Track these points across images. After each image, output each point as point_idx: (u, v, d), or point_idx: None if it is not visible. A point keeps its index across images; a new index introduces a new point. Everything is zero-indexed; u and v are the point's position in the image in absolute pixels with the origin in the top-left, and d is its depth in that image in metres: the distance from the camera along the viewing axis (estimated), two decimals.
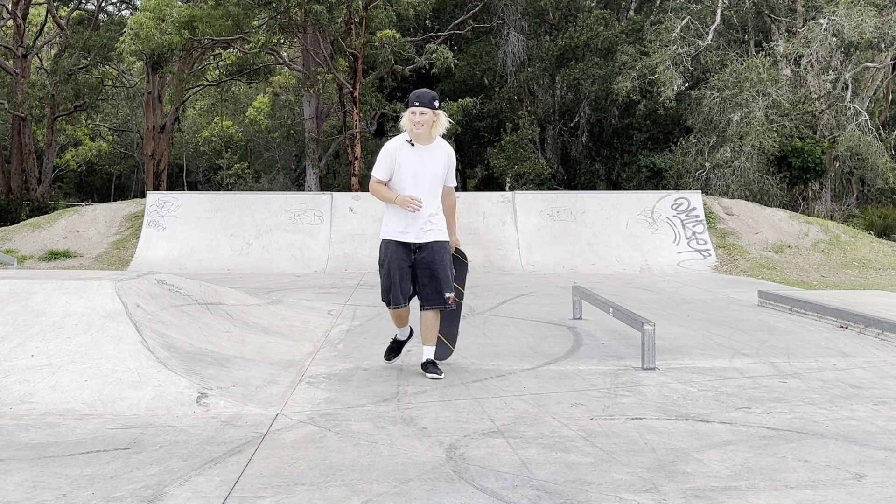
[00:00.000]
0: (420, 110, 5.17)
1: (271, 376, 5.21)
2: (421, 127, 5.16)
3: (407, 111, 5.25)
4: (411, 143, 5.24)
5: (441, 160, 5.32)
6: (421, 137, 5.23)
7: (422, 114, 5.17)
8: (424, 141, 5.25)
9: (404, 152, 5.26)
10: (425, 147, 5.27)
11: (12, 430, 4.05)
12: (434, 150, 5.32)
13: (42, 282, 5.51)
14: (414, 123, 5.17)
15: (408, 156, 5.26)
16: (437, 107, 5.23)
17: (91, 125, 38.40)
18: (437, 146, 5.33)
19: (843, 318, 7.41)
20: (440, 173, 5.32)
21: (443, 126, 5.25)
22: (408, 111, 5.23)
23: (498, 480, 3.34)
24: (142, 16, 22.75)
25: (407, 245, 5.25)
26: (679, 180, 21.43)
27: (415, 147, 5.26)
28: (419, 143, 5.26)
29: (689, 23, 22.33)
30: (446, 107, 23.17)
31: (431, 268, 5.22)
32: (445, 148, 5.39)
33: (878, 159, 21.05)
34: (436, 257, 5.24)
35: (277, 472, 3.45)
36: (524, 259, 14.79)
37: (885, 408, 4.55)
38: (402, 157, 5.27)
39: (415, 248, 5.27)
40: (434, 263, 5.23)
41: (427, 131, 5.20)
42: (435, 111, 5.20)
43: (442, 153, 5.34)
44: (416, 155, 5.26)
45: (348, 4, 21.84)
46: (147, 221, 15.72)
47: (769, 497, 3.17)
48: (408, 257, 5.26)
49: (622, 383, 5.17)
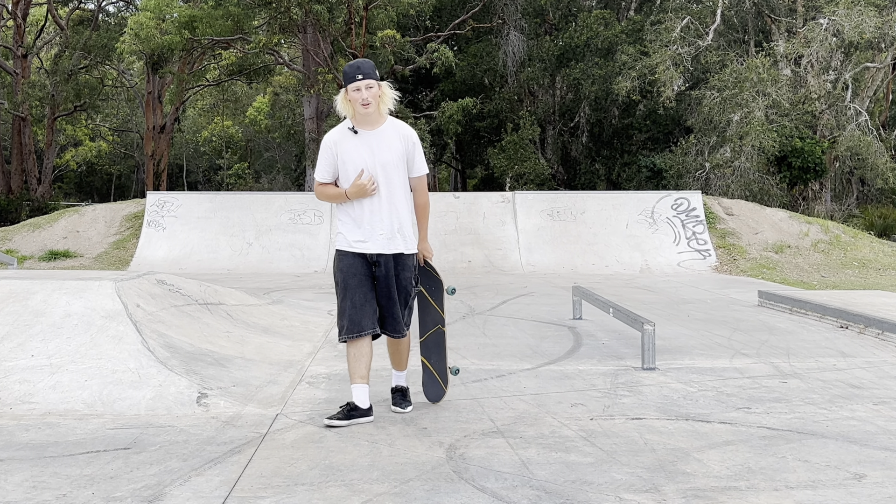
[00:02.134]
0: (366, 83, 4.11)
1: (271, 376, 5.21)
2: (368, 105, 4.12)
3: (342, 91, 4.21)
4: (354, 129, 4.22)
5: (395, 145, 4.23)
6: (368, 119, 4.19)
7: (368, 87, 4.12)
8: (371, 124, 4.21)
9: (346, 143, 4.23)
10: (373, 132, 4.21)
11: (12, 430, 4.05)
12: (384, 135, 4.23)
13: (42, 282, 5.51)
14: (360, 102, 4.12)
15: (351, 147, 4.22)
16: (379, 77, 4.23)
17: (91, 125, 38.40)
18: (388, 128, 4.25)
19: (844, 319, 7.41)
20: (396, 162, 4.23)
21: (390, 100, 4.22)
22: (346, 90, 4.17)
23: (498, 480, 3.34)
24: (142, 16, 22.74)
25: (364, 257, 4.25)
26: (679, 180, 21.42)
27: (359, 134, 4.22)
28: (364, 127, 4.22)
29: (689, 23, 22.33)
30: (447, 107, 23.15)
31: (389, 287, 4.23)
32: (401, 129, 4.28)
33: (878, 159, 21.05)
34: (395, 273, 4.24)
35: (277, 472, 3.45)
36: (524, 259, 14.79)
37: (886, 408, 4.55)
38: (344, 150, 4.23)
39: (373, 261, 4.24)
40: (391, 281, 4.23)
41: (375, 110, 4.17)
42: (380, 82, 4.19)
43: (395, 136, 4.24)
44: (361, 144, 4.21)
45: (348, 4, 21.84)
46: (147, 221, 15.72)
47: (769, 497, 3.17)
48: (368, 271, 4.25)
49: (622, 383, 5.17)
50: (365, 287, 4.20)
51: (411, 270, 4.32)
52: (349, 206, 4.25)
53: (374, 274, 4.25)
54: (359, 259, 4.23)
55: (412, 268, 4.33)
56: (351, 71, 4.14)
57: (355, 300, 4.18)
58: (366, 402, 4.20)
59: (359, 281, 4.21)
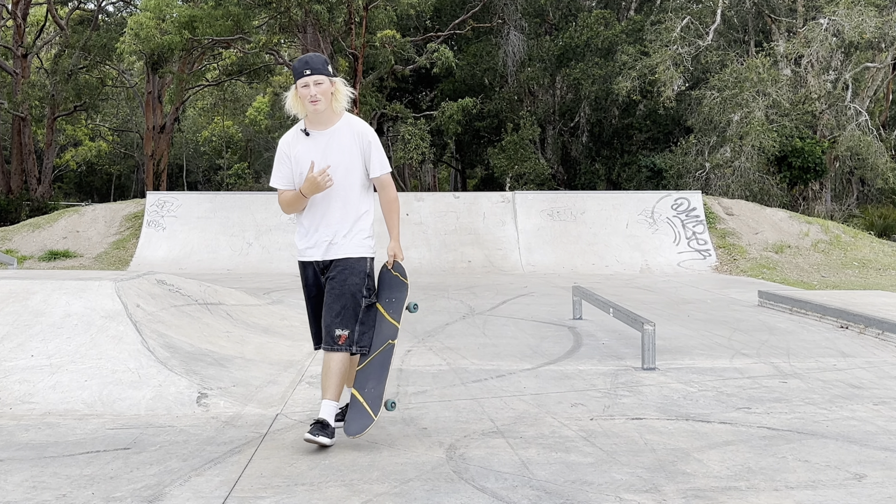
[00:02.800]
0: (314, 79, 3.81)
1: (271, 376, 5.21)
2: (318, 102, 3.82)
3: (293, 88, 3.91)
4: (306, 132, 3.93)
5: (348, 145, 3.91)
6: (320, 119, 3.89)
7: (317, 83, 3.81)
8: (324, 123, 3.91)
9: (298, 146, 3.94)
10: (324, 133, 3.91)
11: (12, 430, 4.05)
12: (337, 135, 3.92)
13: (42, 282, 5.51)
14: (308, 99, 3.82)
15: (303, 150, 3.92)
16: (332, 73, 3.90)
17: (91, 125, 38.40)
18: (341, 127, 3.93)
19: (844, 319, 7.41)
20: (350, 163, 3.90)
21: (344, 97, 3.91)
22: (295, 86, 3.89)
23: (498, 480, 3.34)
24: (142, 16, 22.74)
25: (314, 266, 3.95)
26: (679, 180, 21.42)
27: (311, 136, 3.92)
28: (316, 128, 3.92)
29: (690, 23, 22.33)
30: (447, 107, 23.12)
31: (331, 294, 3.84)
32: (355, 126, 3.95)
33: (878, 159, 21.05)
34: (336, 278, 3.84)
35: (277, 472, 3.45)
36: (524, 259, 14.79)
37: (886, 408, 4.54)
38: (296, 154, 3.94)
39: (321, 268, 3.93)
40: (332, 288, 3.83)
41: (327, 108, 3.86)
42: (332, 78, 3.88)
43: (349, 135, 3.92)
44: (313, 146, 3.91)
45: (348, 4, 21.84)
46: (147, 221, 15.72)
47: (769, 497, 3.17)
48: (318, 282, 3.95)
49: (622, 383, 5.17)
50: (319, 299, 3.94)
51: (360, 277, 3.86)
52: (305, 212, 3.94)
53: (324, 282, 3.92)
54: (310, 268, 3.95)
55: (362, 274, 3.87)
56: (299, 66, 3.85)
57: (309, 314, 4.01)
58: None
59: (309, 293, 3.99)
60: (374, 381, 3.85)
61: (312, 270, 3.94)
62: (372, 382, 3.84)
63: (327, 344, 3.79)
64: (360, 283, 3.85)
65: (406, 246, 14.89)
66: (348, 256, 3.87)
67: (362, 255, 3.88)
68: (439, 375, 5.38)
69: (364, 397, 3.82)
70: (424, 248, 15.00)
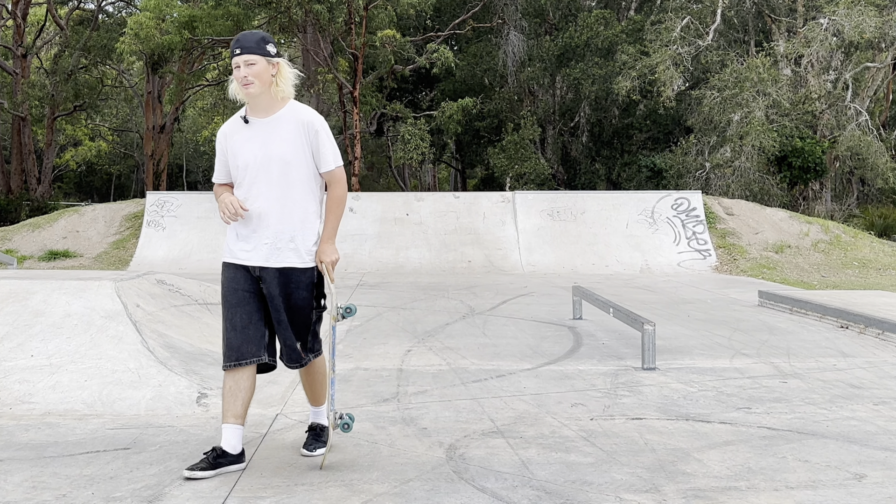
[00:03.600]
0: (245, 59, 3.39)
1: (271, 376, 5.19)
2: (251, 85, 3.39)
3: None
4: (245, 119, 3.51)
5: (292, 136, 3.47)
6: (259, 104, 3.47)
7: (248, 64, 3.38)
8: (265, 110, 3.48)
9: (236, 136, 3.53)
10: (265, 121, 3.48)
11: (12, 430, 4.05)
12: (280, 123, 3.48)
13: (42, 282, 5.51)
14: (241, 81, 3.41)
15: (241, 140, 3.51)
16: (273, 53, 3.44)
17: (91, 125, 38.41)
18: (285, 115, 3.49)
19: (844, 319, 7.41)
20: (293, 155, 3.46)
21: (288, 81, 3.47)
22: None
23: (498, 481, 3.34)
24: (142, 16, 22.74)
25: (248, 269, 3.53)
26: (679, 180, 21.43)
27: (250, 124, 3.50)
28: (257, 115, 3.50)
29: (690, 23, 22.33)
30: (447, 107, 23.11)
31: (278, 309, 3.48)
32: (301, 114, 3.50)
33: (879, 159, 21.05)
34: (285, 293, 3.48)
35: (277, 472, 3.45)
36: (524, 259, 14.79)
37: (886, 408, 4.54)
38: (233, 144, 3.54)
39: (258, 276, 3.51)
40: (278, 302, 3.48)
41: (264, 92, 3.43)
42: (271, 59, 3.42)
43: (294, 124, 3.48)
44: (253, 136, 3.48)
45: (348, 4, 21.83)
46: (147, 221, 15.72)
47: (769, 497, 3.17)
48: (254, 286, 3.52)
49: (622, 383, 5.17)
50: (249, 306, 3.49)
51: (308, 289, 3.52)
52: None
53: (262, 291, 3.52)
54: (241, 272, 3.51)
55: (309, 285, 3.52)
56: (232, 45, 3.43)
57: (235, 322, 3.47)
58: (237, 447, 3.45)
59: (240, 298, 3.49)
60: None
61: (245, 274, 3.51)
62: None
63: (295, 362, 3.53)
64: (309, 296, 3.53)
65: (406, 246, 14.90)
66: (293, 267, 3.48)
67: (309, 266, 3.52)
68: (439, 375, 5.38)
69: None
70: (424, 248, 15.00)
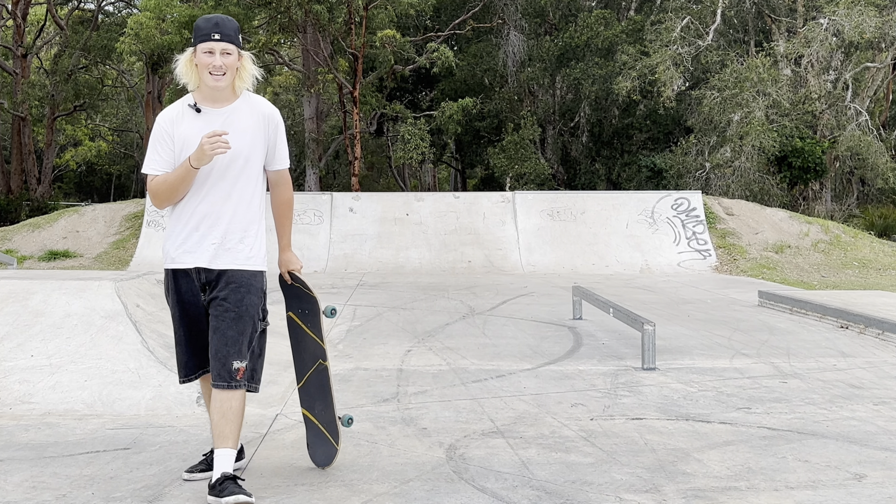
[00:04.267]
0: (223, 47, 3.13)
1: (271, 376, 5.20)
2: (222, 76, 3.14)
3: (189, 51, 3.20)
4: (196, 107, 3.20)
5: (251, 128, 3.23)
6: (215, 95, 3.20)
7: (225, 53, 3.14)
8: (222, 100, 3.22)
9: (186, 124, 3.20)
10: (220, 111, 3.21)
11: (12, 430, 4.05)
12: (236, 114, 3.23)
13: (42, 282, 5.51)
14: (212, 70, 3.13)
15: (191, 129, 3.17)
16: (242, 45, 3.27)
17: (91, 125, 38.41)
18: (241, 106, 3.25)
19: (844, 319, 7.41)
20: (250, 151, 3.22)
21: (249, 77, 3.25)
22: (194, 50, 3.17)
23: (498, 481, 3.34)
24: (142, 16, 22.74)
25: (190, 275, 3.20)
26: (679, 180, 21.43)
27: (203, 113, 3.20)
28: (211, 104, 3.22)
29: (690, 23, 22.33)
30: (447, 107, 23.11)
31: (219, 316, 3.13)
32: (260, 107, 3.29)
33: (879, 159, 21.04)
34: (230, 298, 3.14)
35: (277, 472, 3.45)
36: (524, 259, 14.79)
37: (886, 408, 4.54)
38: (181, 133, 3.18)
39: (204, 282, 3.19)
40: (226, 309, 3.13)
41: (228, 83, 3.18)
42: (241, 52, 3.23)
43: (252, 116, 3.25)
44: (205, 126, 3.16)
45: (348, 4, 21.83)
46: (147, 221, 15.71)
47: (769, 497, 3.17)
48: (196, 298, 3.22)
49: (622, 383, 5.17)
50: (193, 316, 3.23)
51: (258, 296, 3.24)
52: (181, 206, 3.19)
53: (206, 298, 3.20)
54: (185, 280, 3.20)
55: (259, 292, 3.25)
56: (206, 26, 3.13)
57: (180, 336, 3.26)
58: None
59: (182, 311, 3.22)
60: (321, 405, 3.45)
61: (190, 282, 3.19)
62: (319, 405, 3.46)
63: (223, 380, 3.10)
64: (257, 303, 3.23)
65: (406, 246, 14.89)
66: (242, 269, 3.19)
67: (259, 269, 3.27)
68: (439, 375, 5.38)
69: (317, 419, 3.47)
70: (424, 248, 15.00)
